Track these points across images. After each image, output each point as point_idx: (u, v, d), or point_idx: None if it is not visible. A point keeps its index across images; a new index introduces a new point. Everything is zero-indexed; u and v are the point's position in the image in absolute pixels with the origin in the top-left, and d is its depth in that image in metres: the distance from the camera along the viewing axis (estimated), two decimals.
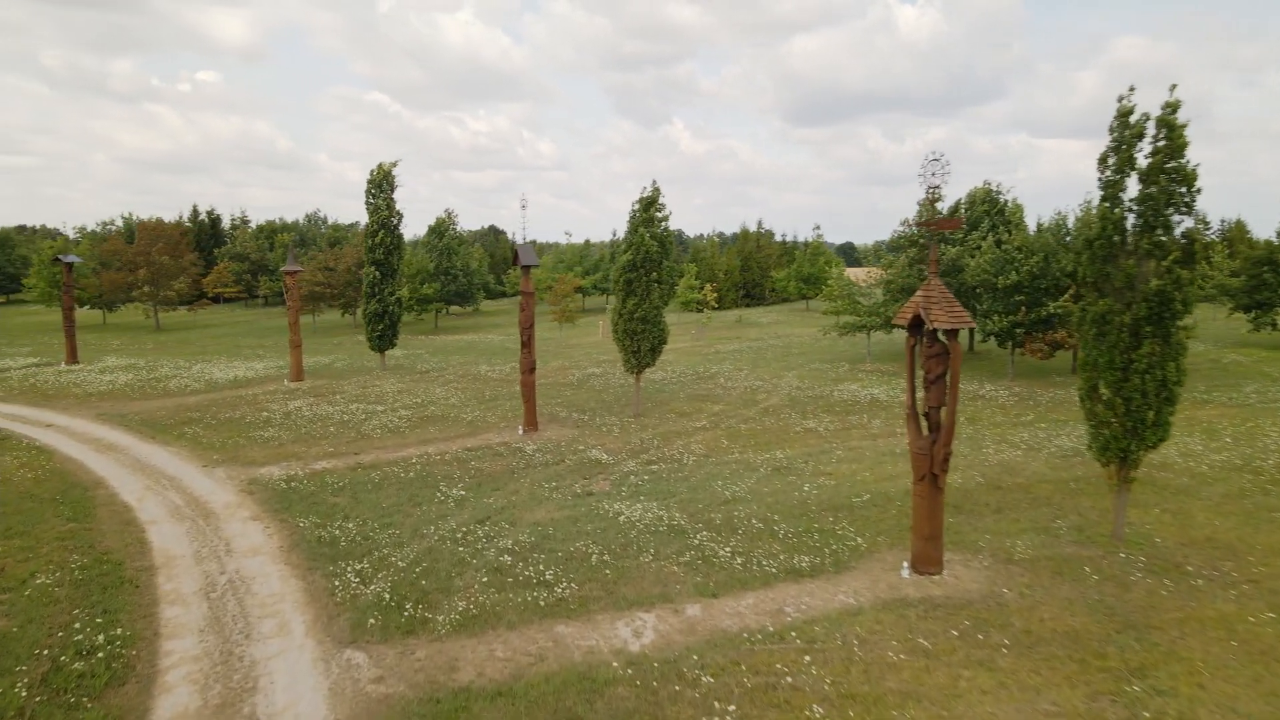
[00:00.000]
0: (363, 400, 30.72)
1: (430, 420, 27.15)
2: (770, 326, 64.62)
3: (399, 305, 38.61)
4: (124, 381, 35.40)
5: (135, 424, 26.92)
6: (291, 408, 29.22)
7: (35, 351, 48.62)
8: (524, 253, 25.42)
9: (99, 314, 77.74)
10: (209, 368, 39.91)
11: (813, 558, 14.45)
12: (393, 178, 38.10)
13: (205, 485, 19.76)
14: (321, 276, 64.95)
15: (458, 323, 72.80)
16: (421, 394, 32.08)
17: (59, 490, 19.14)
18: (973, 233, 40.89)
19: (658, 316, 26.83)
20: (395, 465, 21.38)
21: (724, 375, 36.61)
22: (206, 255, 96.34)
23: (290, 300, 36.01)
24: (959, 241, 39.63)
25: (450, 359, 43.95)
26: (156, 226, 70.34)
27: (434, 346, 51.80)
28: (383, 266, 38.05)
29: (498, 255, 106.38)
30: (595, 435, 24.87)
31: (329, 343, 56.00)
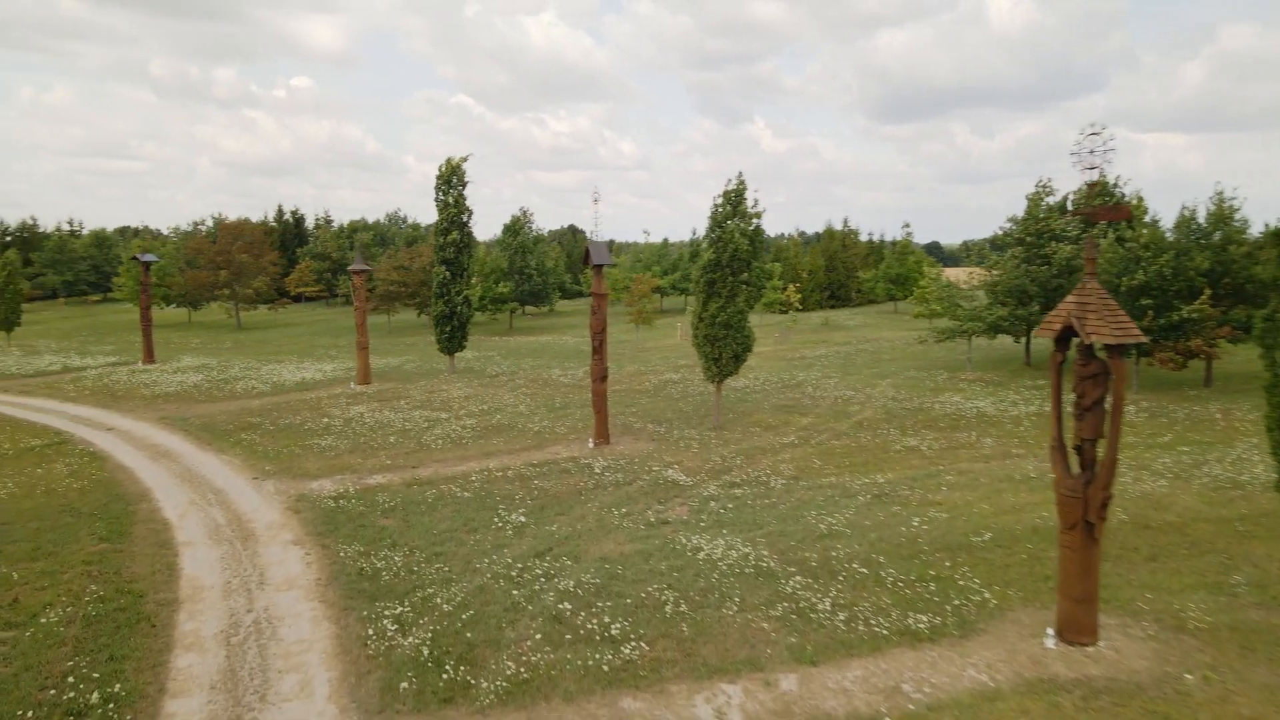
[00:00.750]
0: (427, 407, 29.36)
1: (495, 430, 25.53)
2: (857, 330, 61.50)
3: (468, 306, 37.31)
4: (193, 383, 35.00)
5: (195, 429, 26.09)
6: (353, 414, 28.04)
7: (118, 350, 49.30)
8: (596, 251, 23.54)
9: (185, 312, 79.51)
10: (279, 369, 39.38)
11: (931, 616, 12.06)
12: (462, 172, 36.81)
13: (252, 501, 18.46)
14: (396, 276, 64.69)
15: (532, 323, 71.78)
16: (489, 400, 30.57)
17: (101, 504, 18.08)
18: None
19: (742, 322, 24.60)
20: (453, 482, 19.74)
21: (811, 383, 34.09)
22: (290, 255, 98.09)
23: (357, 301, 35.04)
24: (1074, 239, 36.21)
25: (521, 362, 42.53)
26: (237, 226, 71.40)
27: (506, 349, 50.58)
28: (452, 266, 36.79)
29: (575, 254, 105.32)
30: (671, 451, 22.80)
31: (402, 343, 55.44)
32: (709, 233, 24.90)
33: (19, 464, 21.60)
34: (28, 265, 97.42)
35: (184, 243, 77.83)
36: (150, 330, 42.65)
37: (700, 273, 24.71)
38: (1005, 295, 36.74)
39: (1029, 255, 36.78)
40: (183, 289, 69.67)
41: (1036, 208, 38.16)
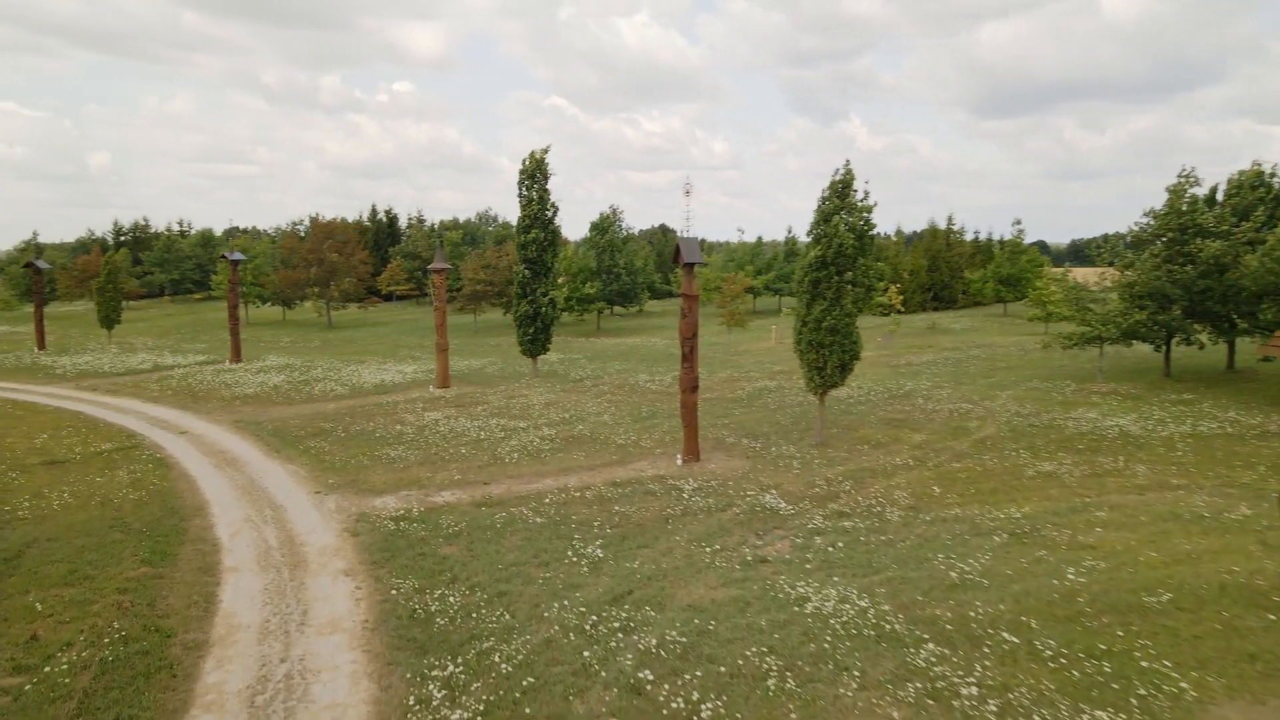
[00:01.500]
0: (505, 414, 27.80)
1: (576, 442, 23.71)
2: (965, 334, 57.61)
3: (552, 307, 35.73)
4: (273, 384, 34.47)
5: (266, 434, 25.15)
6: (427, 420, 26.69)
7: (210, 349, 49.83)
8: (687, 248, 21.43)
9: (279, 311, 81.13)
10: (359, 370, 38.68)
11: (1112, 713, 9.50)
12: (546, 166, 35.26)
13: (309, 520, 17.06)
14: (483, 275, 64.08)
15: (620, 324, 70.19)
16: (571, 408, 28.82)
17: (154, 519, 16.97)
18: (1242, 223, 33.24)
19: (849, 327, 22.09)
20: (526, 502, 17.95)
21: (922, 394, 31.16)
22: (382, 254, 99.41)
23: (437, 301, 33.87)
24: (1225, 235, 32.18)
25: (607, 366, 40.76)
26: (328, 225, 72.17)
27: (592, 351, 48.99)
28: (535, 265, 35.28)
29: (665, 253, 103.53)
30: (769, 471, 20.50)
31: (486, 344, 54.56)
32: (813, 228, 22.50)
33: (84, 470, 20.90)
34: (137, 264, 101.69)
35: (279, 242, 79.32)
36: (237, 329, 42.69)
37: (803, 272, 22.31)
38: (1143, 298, 32.96)
39: (1170, 253, 32.90)
40: (276, 287, 70.82)
41: (1179, 200, 34.15)
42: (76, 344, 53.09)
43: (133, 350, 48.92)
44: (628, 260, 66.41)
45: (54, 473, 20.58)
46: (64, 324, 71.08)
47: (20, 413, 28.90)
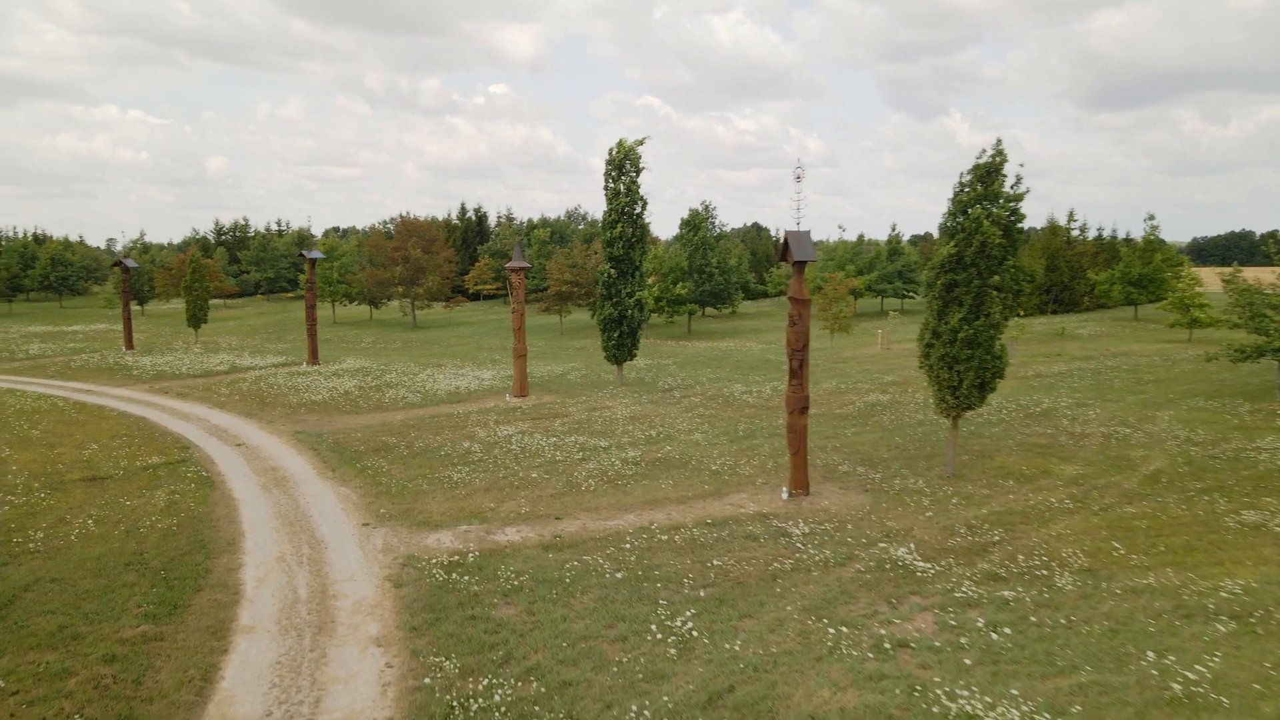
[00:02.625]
0: (585, 430, 25.12)
1: (664, 466, 20.82)
2: (1095, 340, 52.31)
3: (639, 310, 32.97)
4: (344, 390, 32.75)
5: (325, 448, 23.14)
6: (500, 436, 24.23)
7: (291, 349, 49.02)
8: (797, 243, 18.28)
9: (366, 310, 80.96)
10: (435, 375, 36.73)
11: None
12: (637, 156, 32.53)
13: (350, 561, 14.66)
14: (570, 275, 61.93)
15: (712, 326, 67.01)
16: (659, 423, 25.93)
17: (177, 554, 14.87)
18: None
19: (991, 339, 18.50)
20: (603, 545, 15.15)
21: (1064, 412, 27.07)
22: (471, 252, 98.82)
23: (515, 303, 31.52)
24: None
25: (699, 374, 37.73)
26: (412, 222, 71.33)
27: (683, 356, 46.07)
28: (621, 263, 32.58)
29: (760, 252, 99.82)
30: (895, 510, 17.15)
31: (570, 348, 52.26)
32: (947, 220, 18.98)
33: (122, 489, 19.14)
34: (234, 263, 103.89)
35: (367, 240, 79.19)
36: (315, 330, 41.45)
37: (934, 274, 18.82)
38: None
39: None
40: (363, 286, 70.37)
41: None
42: (163, 343, 53.22)
43: (215, 350, 48.50)
44: (721, 259, 63.17)
45: (90, 491, 18.87)
46: (159, 322, 72.35)
47: (83, 418, 27.80)
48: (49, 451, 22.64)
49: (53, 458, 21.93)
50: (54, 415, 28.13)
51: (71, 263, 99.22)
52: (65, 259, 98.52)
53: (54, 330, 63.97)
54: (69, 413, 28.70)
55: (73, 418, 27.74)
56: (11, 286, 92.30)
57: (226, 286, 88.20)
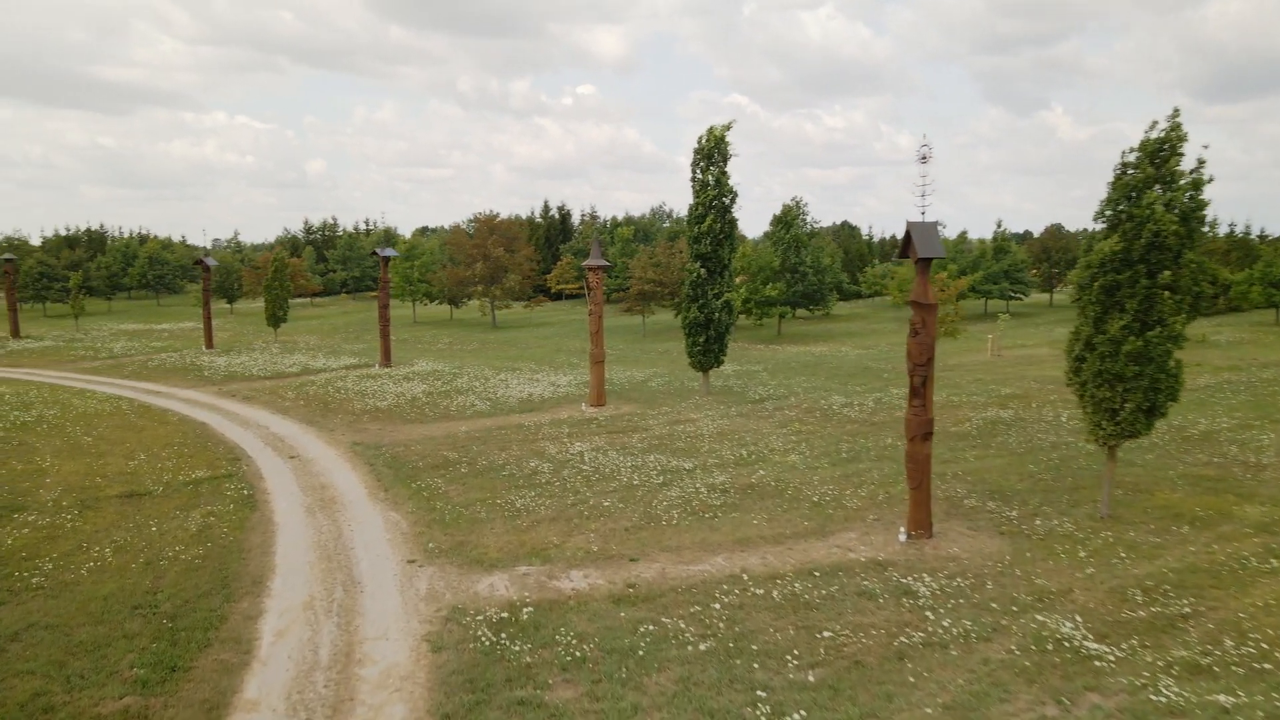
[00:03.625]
0: (667, 448, 22.59)
1: (755, 494, 18.13)
2: (1237, 348, 47.17)
3: (728, 312, 30.27)
4: (412, 395, 31.05)
5: (381, 463, 21.26)
6: (572, 452, 21.91)
7: (366, 350, 47.98)
8: (923, 237, 15.30)
9: (447, 309, 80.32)
10: (509, 380, 34.79)
11: None
12: (726, 145, 29.85)
13: (387, 611, 12.49)
14: (653, 274, 59.59)
15: (804, 329, 63.65)
16: (749, 441, 23.22)
17: (195, 595, 12.98)
18: None
19: (1168, 353, 15.20)
20: (685, 600, 12.60)
21: (1227, 436, 23.25)
22: (553, 251, 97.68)
23: (593, 304, 29.22)
24: None
25: (793, 382, 34.78)
26: (493, 220, 70.14)
27: (774, 362, 43.11)
28: (709, 261, 29.94)
29: (852, 251, 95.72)
30: (1043, 562, 14.09)
31: (653, 351, 49.85)
32: (1105, 208, 15.73)
33: (158, 508, 17.53)
34: (321, 262, 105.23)
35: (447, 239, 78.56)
36: (387, 331, 40.10)
37: (1089, 273, 15.60)
38: None
39: None
40: (443, 285, 69.55)
41: None
42: (243, 342, 53.06)
43: (292, 350, 47.88)
44: (814, 257, 59.78)
45: (122, 511, 17.31)
46: (245, 321, 73.06)
47: (143, 423, 26.74)
48: (95, 462, 21.37)
49: (96, 469, 20.62)
50: (114, 420, 27.17)
51: (168, 261, 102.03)
52: (163, 258, 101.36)
53: (144, 329, 65.04)
54: (130, 417, 27.72)
55: (132, 422, 26.70)
56: (111, 285, 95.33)
57: (311, 286, 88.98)
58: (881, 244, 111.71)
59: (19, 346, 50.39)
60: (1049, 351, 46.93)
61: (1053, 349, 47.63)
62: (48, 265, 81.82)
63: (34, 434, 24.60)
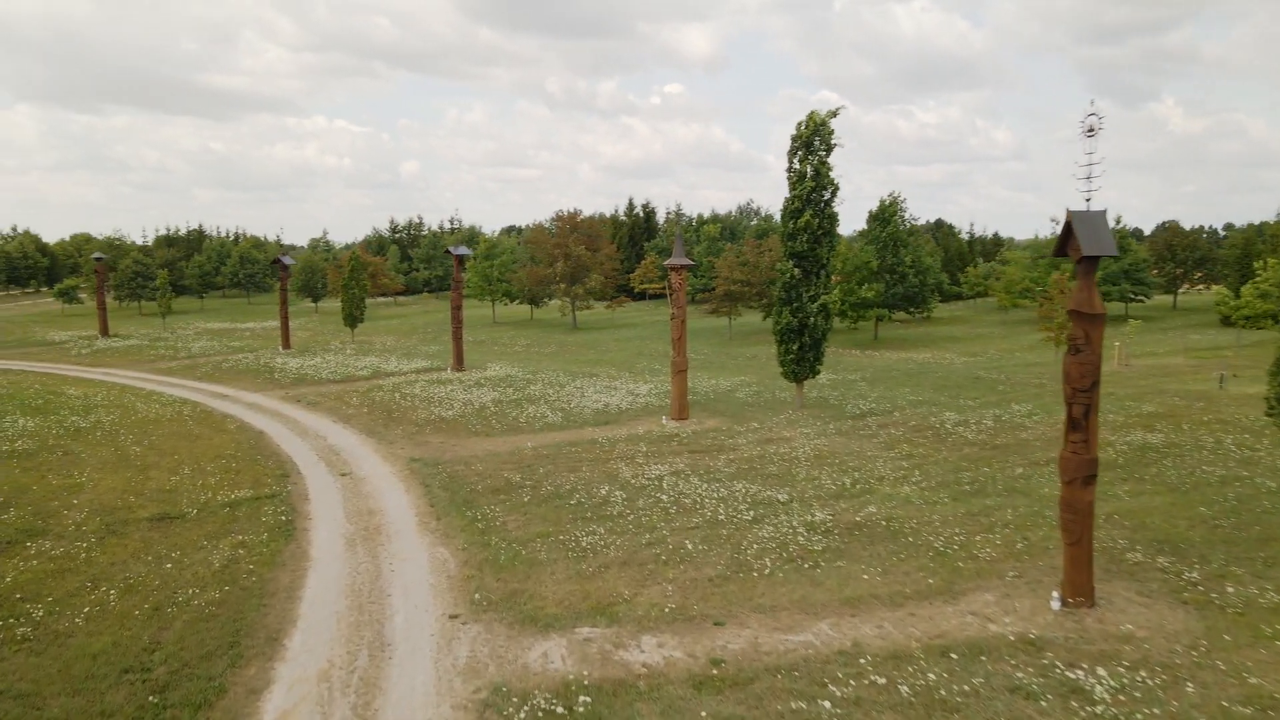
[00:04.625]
0: (757, 473, 19.91)
1: (864, 536, 15.34)
2: None
3: (825, 317, 27.37)
4: (480, 404, 29.11)
5: (438, 484, 19.24)
6: (649, 477, 19.45)
7: (441, 352, 46.57)
8: (1088, 230, 12.24)
9: (527, 309, 79.01)
10: (585, 388, 32.58)
11: None
12: (829, 132, 26.96)
13: (416, 689, 10.26)
14: (740, 274, 56.75)
15: (903, 333, 59.77)
16: (852, 466, 20.36)
17: (199, 655, 11.01)
18: None
19: None
20: (786, 690, 9.99)
21: None
22: (637, 250, 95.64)
23: (675, 307, 26.70)
24: None
25: (896, 394, 31.56)
26: (574, 218, 68.30)
27: (871, 370, 39.82)
28: (805, 261, 27.10)
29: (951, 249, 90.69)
30: (1249, 647, 10.93)
31: (740, 356, 47.04)
32: None
33: (186, 536, 15.82)
34: (405, 261, 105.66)
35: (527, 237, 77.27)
36: (460, 333, 38.46)
37: None
38: None
39: None
40: (523, 285, 68.14)
41: None
42: (320, 343, 52.48)
43: (367, 351, 46.88)
44: (914, 257, 55.90)
45: (147, 538, 15.65)
46: (326, 320, 73.13)
47: (200, 431, 25.49)
48: (136, 477, 19.95)
49: (135, 485, 19.15)
50: (172, 427, 26.00)
51: (259, 260, 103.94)
52: (253, 257, 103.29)
53: (228, 328, 65.55)
54: (189, 424, 26.53)
55: (189, 430, 25.46)
56: (203, 283, 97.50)
57: (393, 285, 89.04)
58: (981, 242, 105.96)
59: (105, 345, 50.85)
60: (1184, 361, 42.29)
61: (1189, 358, 42.94)
62: (143, 264, 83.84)
63: (85, 442, 23.51)
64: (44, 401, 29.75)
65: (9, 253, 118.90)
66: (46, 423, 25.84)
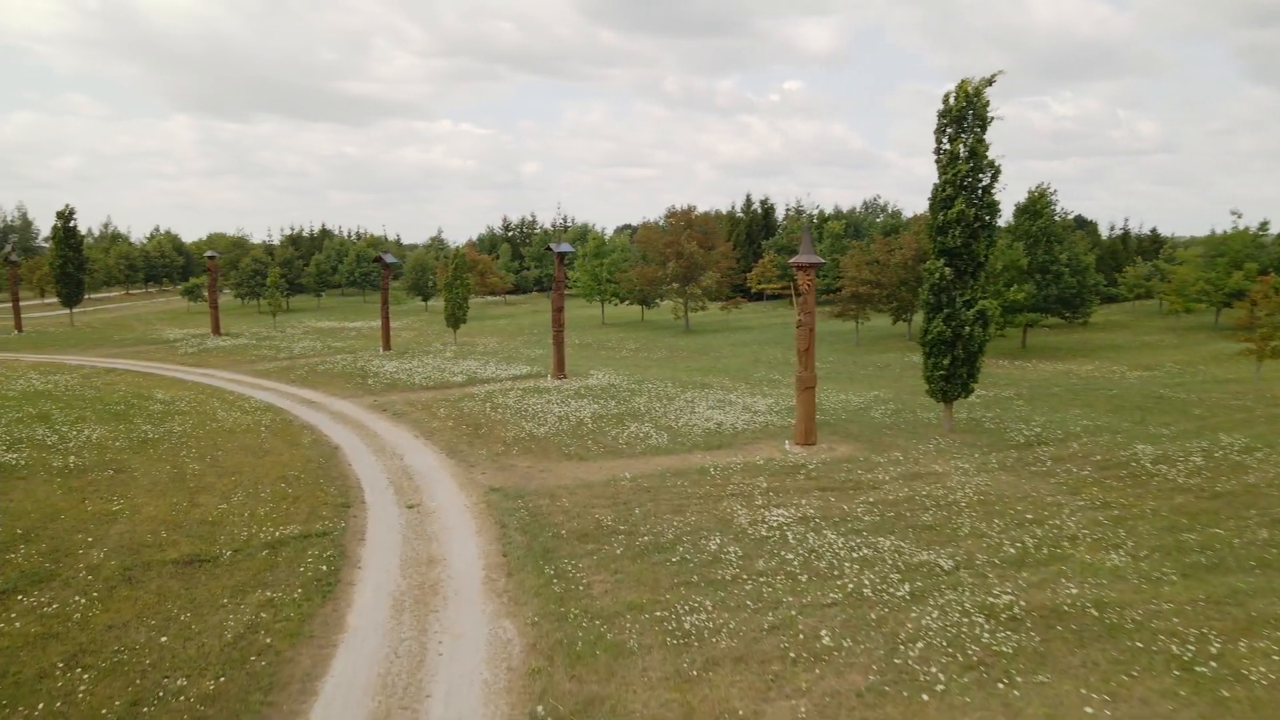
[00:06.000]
0: (907, 523, 15.98)
1: (1069, 632, 11.33)
2: None
3: (983, 326, 23.05)
4: (577, 419, 26.07)
5: (516, 525, 16.21)
6: (771, 524, 15.83)
7: (543, 357, 43.99)
8: None
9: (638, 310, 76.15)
10: (695, 402, 29.09)
11: None
12: (983, 104, 22.73)
13: None
14: (869, 273, 52.11)
15: (1054, 341, 53.67)
16: (1030, 518, 16.17)
17: None
18: None
19: None
20: None
21: None
22: (755, 248, 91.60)
23: (802, 313, 22.90)
24: None
25: (1065, 417, 26.73)
26: (688, 214, 64.84)
27: (1027, 385, 34.82)
28: (958, 259, 22.89)
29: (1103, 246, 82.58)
30: None
31: (870, 365, 42.58)
32: None
33: (210, 588, 13.26)
34: (516, 259, 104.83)
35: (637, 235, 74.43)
36: (561, 338, 35.66)
37: None
38: None
39: None
40: (632, 285, 65.24)
41: None
42: (421, 344, 50.94)
43: (467, 353, 44.84)
44: (1071, 254, 49.85)
45: (164, 589, 13.14)
46: (434, 319, 72.22)
47: (271, 444, 23.40)
48: (183, 502, 17.73)
49: (177, 515, 16.87)
50: (244, 439, 24.04)
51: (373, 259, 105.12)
52: (369, 255, 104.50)
53: (336, 326, 65.31)
54: (263, 436, 24.54)
55: (260, 444, 23.40)
56: (320, 282, 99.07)
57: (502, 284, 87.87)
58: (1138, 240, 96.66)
59: (213, 344, 50.75)
60: None
61: None
62: (261, 263, 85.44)
63: (145, 456, 21.68)
64: (125, 407, 28.51)
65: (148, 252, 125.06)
66: (115, 432, 24.30)
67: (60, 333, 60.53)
